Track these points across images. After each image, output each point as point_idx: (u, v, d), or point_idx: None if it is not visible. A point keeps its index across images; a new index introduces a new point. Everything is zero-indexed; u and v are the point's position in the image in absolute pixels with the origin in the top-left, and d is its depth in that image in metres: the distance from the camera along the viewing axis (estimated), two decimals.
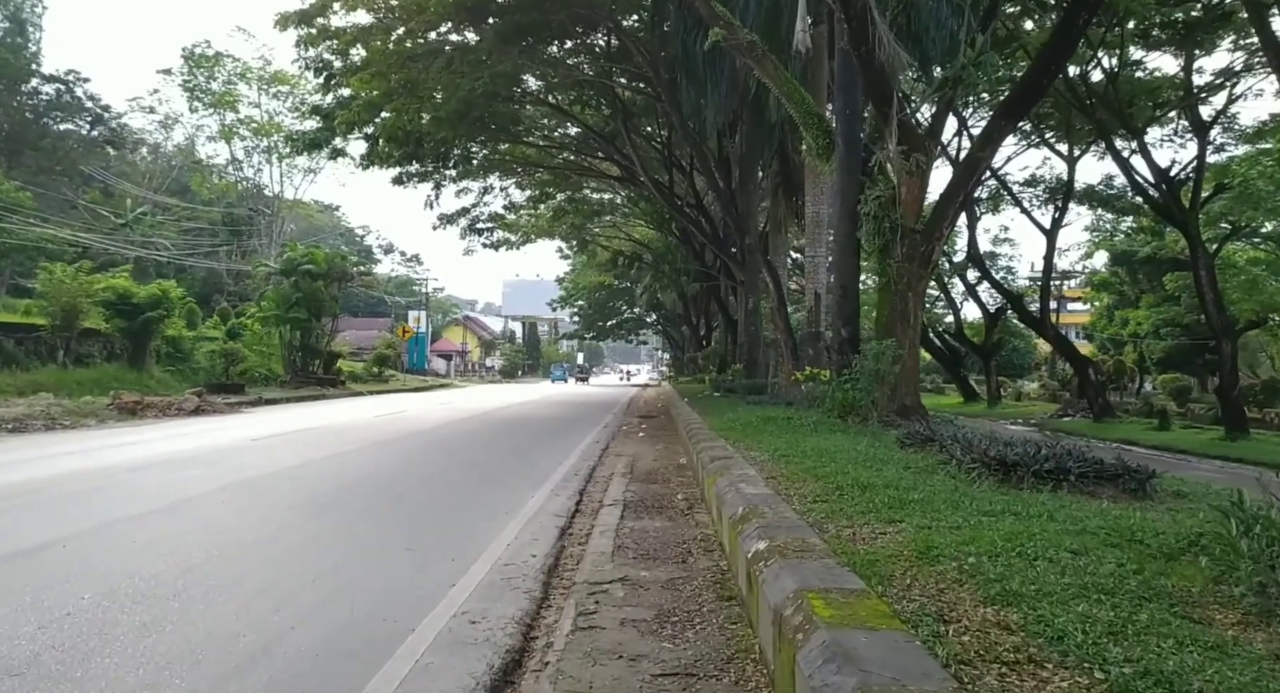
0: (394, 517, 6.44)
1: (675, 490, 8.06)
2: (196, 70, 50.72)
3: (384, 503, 7.06)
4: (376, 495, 7.40)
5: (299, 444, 11.32)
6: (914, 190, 10.26)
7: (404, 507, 6.94)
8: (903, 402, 10.06)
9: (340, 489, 7.58)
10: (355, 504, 6.93)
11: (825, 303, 16.14)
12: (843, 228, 10.88)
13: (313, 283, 30.61)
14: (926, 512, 4.53)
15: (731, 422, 11.36)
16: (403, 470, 8.99)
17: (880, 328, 10.46)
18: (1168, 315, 39.32)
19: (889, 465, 6.32)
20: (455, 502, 7.24)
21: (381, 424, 15.26)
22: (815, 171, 15.51)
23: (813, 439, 8.47)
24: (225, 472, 8.42)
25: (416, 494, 7.47)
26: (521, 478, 8.75)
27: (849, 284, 10.90)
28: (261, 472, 8.36)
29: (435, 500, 7.22)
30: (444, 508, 6.91)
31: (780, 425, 10.03)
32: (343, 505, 6.89)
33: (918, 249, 10.22)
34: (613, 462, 10.67)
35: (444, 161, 24.94)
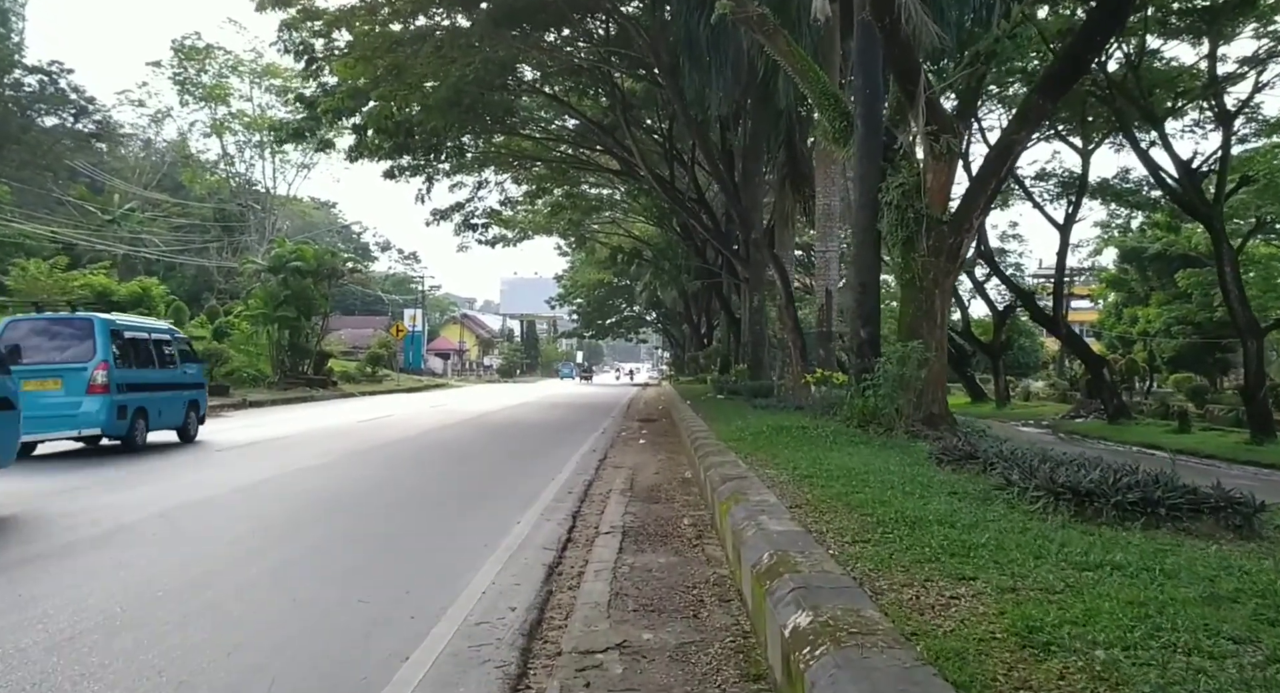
0: (352, 554, 5.51)
1: (680, 513, 7.13)
2: (186, 63, 49.72)
3: (344, 534, 6.13)
4: (336, 524, 6.47)
5: (266, 456, 10.40)
6: (941, 177, 9.33)
7: (367, 539, 6.01)
8: (929, 410, 9.14)
9: (296, 516, 6.65)
10: (309, 536, 6.00)
11: (837, 301, 15.24)
12: (862, 219, 9.95)
13: (302, 280, 29.66)
14: (1002, 563, 3.60)
15: (740, 430, 10.44)
16: (374, 489, 8.06)
17: (904, 328, 9.53)
18: (1179, 313, 38.40)
19: (932, 491, 5.39)
20: (428, 530, 6.31)
21: (363, 431, 14.33)
22: (827, 160, 14.59)
23: (835, 455, 7.55)
24: (171, 492, 7.49)
25: (384, 521, 6.54)
26: (508, 497, 7.82)
27: (869, 280, 9.98)
28: (210, 493, 7.42)
29: (405, 530, 6.29)
30: (413, 540, 5.98)
31: (795, 436, 9.10)
32: (294, 538, 5.96)
33: (945, 242, 9.29)
34: (611, 475, 9.75)
35: (435, 154, 23.98)
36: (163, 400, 11.64)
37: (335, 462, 9.74)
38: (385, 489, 8.00)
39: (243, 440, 12.07)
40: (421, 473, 9.30)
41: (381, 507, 7.06)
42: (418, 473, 9.30)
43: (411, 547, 5.71)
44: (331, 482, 8.30)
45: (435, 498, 7.61)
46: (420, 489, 8.09)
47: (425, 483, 8.54)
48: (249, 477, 8.35)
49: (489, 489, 8.29)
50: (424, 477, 9.01)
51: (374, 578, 4.91)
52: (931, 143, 8.64)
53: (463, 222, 31.41)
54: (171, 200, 52.17)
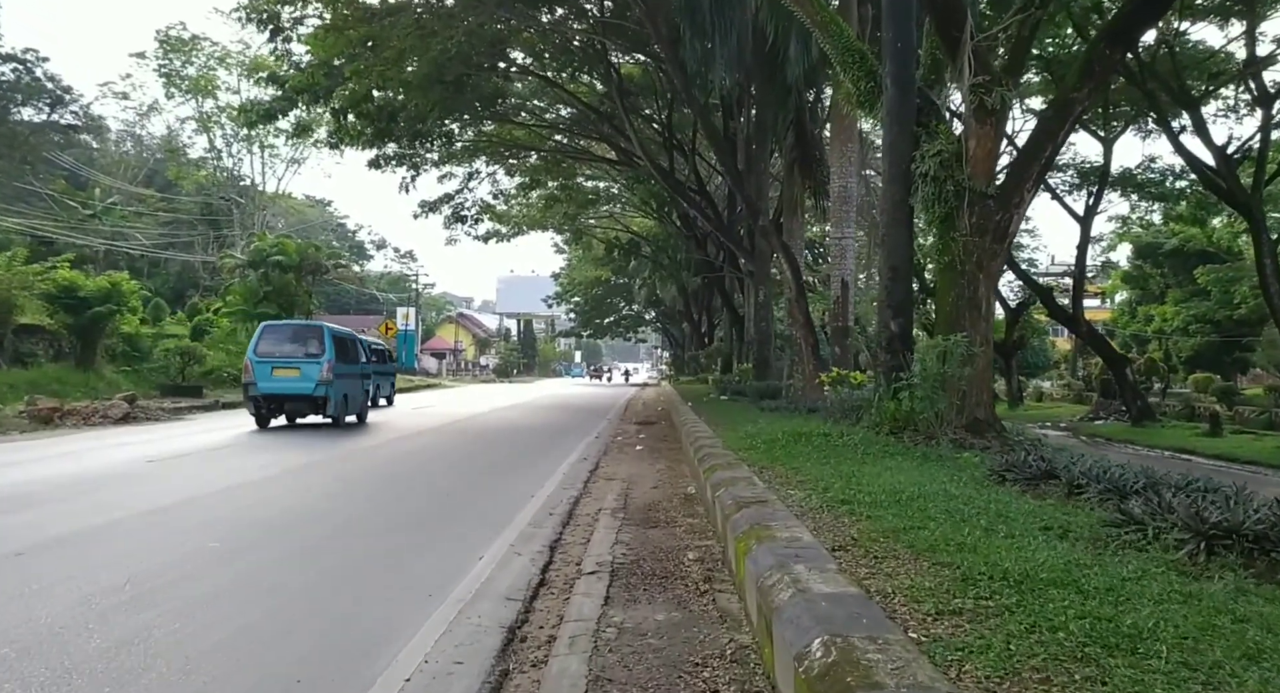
0: (244, 613, 4.14)
1: (683, 541, 5.80)
2: (172, 54, 48.40)
3: (257, 578, 4.76)
4: (254, 563, 5.10)
5: (202, 467, 9.05)
6: (986, 143, 8.00)
7: (285, 583, 4.66)
8: (973, 414, 7.81)
9: (206, 550, 5.28)
10: (207, 582, 4.63)
11: (854, 292, 13.90)
12: (892, 193, 8.61)
13: (283, 276, 28.31)
14: (1202, 671, 2.27)
15: (751, 437, 9.10)
16: (316, 512, 6.69)
17: (943, 319, 8.20)
18: (1198, 311, 37.10)
19: (1019, 527, 4.05)
20: (360, 573, 4.93)
21: (335, 437, 12.98)
22: (843, 138, 13.26)
23: (871, 469, 6.22)
24: (65, 516, 6.14)
25: (307, 562, 5.13)
26: (476, 521, 6.49)
27: (900, 265, 8.64)
28: (110, 518, 6.07)
29: (330, 574, 4.88)
30: (336, 590, 4.60)
31: (818, 446, 7.77)
32: (188, 583, 4.60)
33: (991, 219, 7.97)
34: (602, 489, 8.42)
35: (420, 140, 22.63)
36: (340, 383, 14.70)
37: (277, 477, 8.38)
38: (328, 513, 6.63)
39: (184, 449, 10.72)
40: (378, 490, 7.94)
41: (312, 540, 5.69)
42: (373, 490, 7.94)
43: (330, 602, 4.35)
44: (267, 503, 6.94)
45: (385, 524, 6.26)
46: (372, 513, 6.74)
47: (379, 504, 7.18)
48: (162, 498, 6.98)
49: (455, 511, 6.94)
50: (380, 495, 7.65)
51: (274, 649, 3.56)
52: (982, 96, 7.29)
53: (452, 214, 30.04)
54: (156, 195, 50.88)
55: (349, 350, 15.61)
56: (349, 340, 16.07)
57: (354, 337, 17.00)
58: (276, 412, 14.47)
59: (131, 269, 49.52)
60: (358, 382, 15.78)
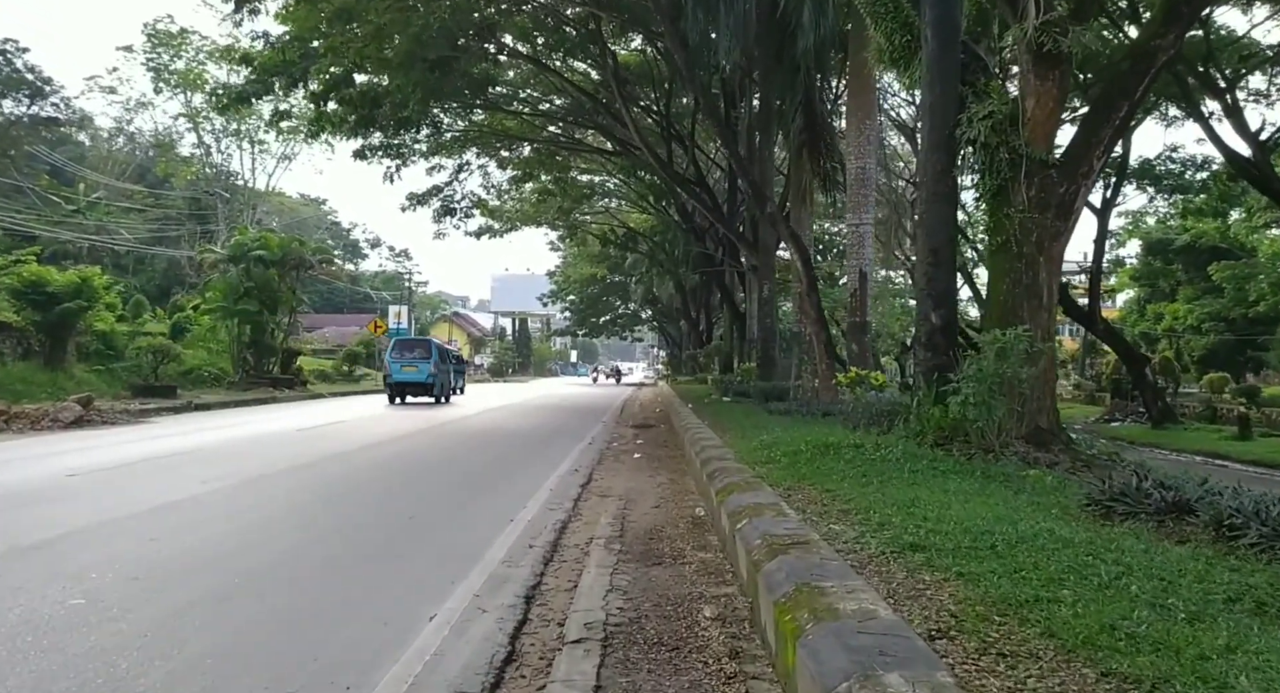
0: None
1: (697, 588, 4.58)
2: (160, 48, 47.08)
3: (118, 652, 3.52)
4: (131, 623, 3.86)
5: (131, 483, 7.79)
6: (1048, 103, 6.80)
7: (158, 660, 3.41)
8: (1035, 422, 6.60)
9: (55, 616, 4.01)
10: (50, 660, 3.40)
11: (872, 284, 12.69)
12: (933, 164, 7.40)
13: (265, 271, 26.98)
14: None
15: (766, 447, 7.89)
16: (236, 548, 5.38)
17: (996, 311, 7.00)
18: (1211, 308, 35.95)
19: (1194, 597, 2.83)
20: (258, 652, 3.65)
21: (294, 443, 11.72)
22: (861, 114, 12.06)
23: (930, 494, 5.01)
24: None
25: (202, 623, 3.91)
26: (437, 558, 5.26)
27: (941, 247, 7.43)
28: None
29: (220, 650, 3.62)
30: (216, 682, 3.33)
31: (850, 460, 6.55)
32: (39, 660, 3.37)
33: (1053, 192, 6.77)
34: (595, 509, 7.20)
35: (405, 128, 21.38)
36: (442, 376, 22.89)
37: (214, 495, 7.12)
38: (246, 551, 5.30)
39: (128, 457, 9.46)
40: (326, 513, 6.68)
41: (209, 593, 4.36)
42: (320, 513, 6.67)
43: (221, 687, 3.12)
44: (171, 537, 5.62)
45: (316, 566, 4.99)
46: (304, 547, 5.46)
47: (320, 533, 5.91)
48: (68, 522, 5.74)
49: (412, 543, 5.69)
50: (325, 520, 6.39)
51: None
52: (1045, 44, 6.08)
53: (442, 207, 28.76)
54: (143, 190, 49.55)
55: (444, 355, 24.27)
56: (443, 349, 24.99)
57: (445, 347, 26.43)
58: (403, 393, 22.42)
59: (117, 266, 48.15)
60: (449, 375, 24.44)
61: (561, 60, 23.85)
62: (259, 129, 47.18)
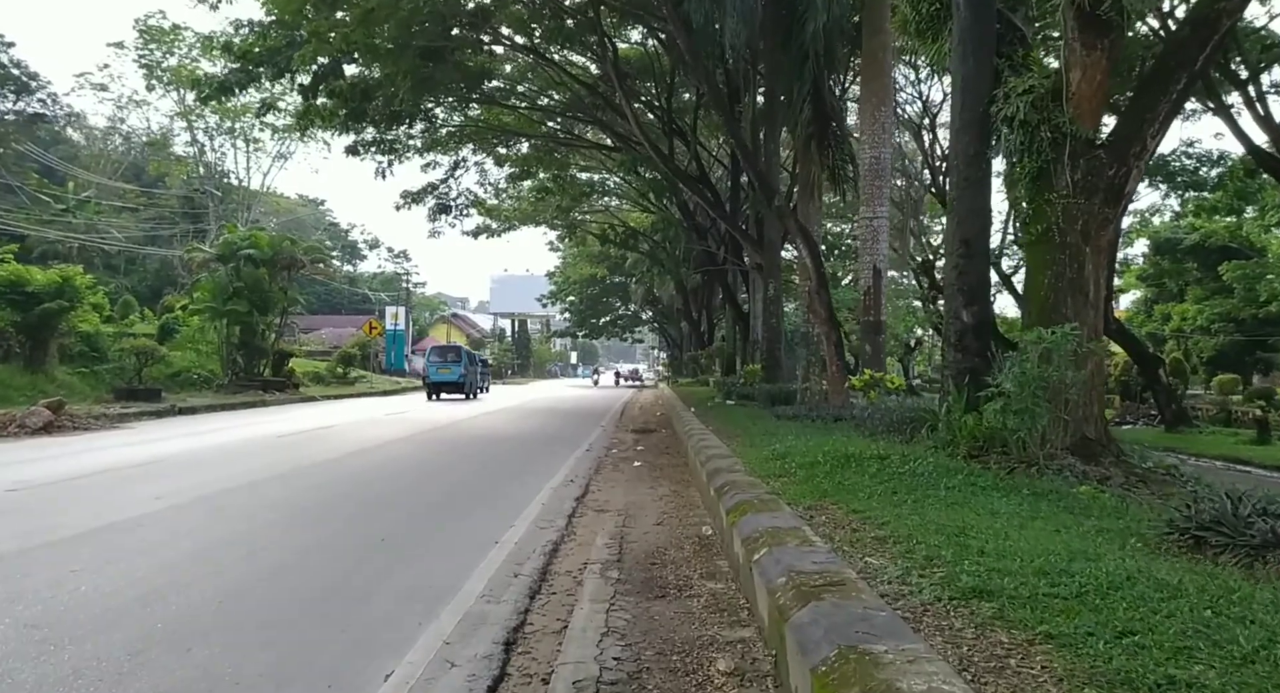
0: None
1: (708, 630, 3.89)
2: (152, 45, 46.42)
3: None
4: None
5: (78, 498, 7.08)
6: (1095, 76, 6.11)
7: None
8: (1081, 432, 5.91)
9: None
10: None
11: (886, 281, 12.00)
12: (965, 145, 6.71)
13: (255, 270, 26.29)
14: None
15: (778, 457, 7.21)
16: (180, 581, 4.63)
17: (1037, 307, 6.31)
18: (1221, 309, 35.24)
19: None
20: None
21: (270, 451, 11.02)
22: (874, 100, 11.37)
23: (977, 518, 4.31)
24: None
25: (123, 688, 3.22)
26: (405, 594, 4.55)
27: (974, 237, 6.74)
28: None
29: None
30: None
31: (875, 473, 5.86)
32: None
33: (1101, 174, 6.08)
34: (591, 527, 6.50)
35: (398, 121, 20.69)
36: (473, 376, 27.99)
37: (165, 513, 6.39)
38: (189, 584, 4.54)
39: (87, 468, 8.75)
40: (286, 536, 5.94)
41: (138, 642, 3.68)
42: (280, 537, 5.93)
43: None
44: (111, 564, 4.85)
45: (262, 604, 4.25)
46: (252, 580, 4.72)
47: (275, 563, 5.17)
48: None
49: (379, 574, 4.97)
50: (284, 545, 5.66)
51: None
52: (1094, 6, 5.39)
53: (437, 205, 28.06)
54: (136, 189, 48.88)
55: (472, 359, 29.61)
56: (471, 354, 30.35)
57: (473, 353, 32.05)
58: (439, 390, 27.09)
59: (107, 266, 47.44)
60: (476, 375, 29.53)
61: (559, 53, 23.19)
62: (253, 127, 46.60)
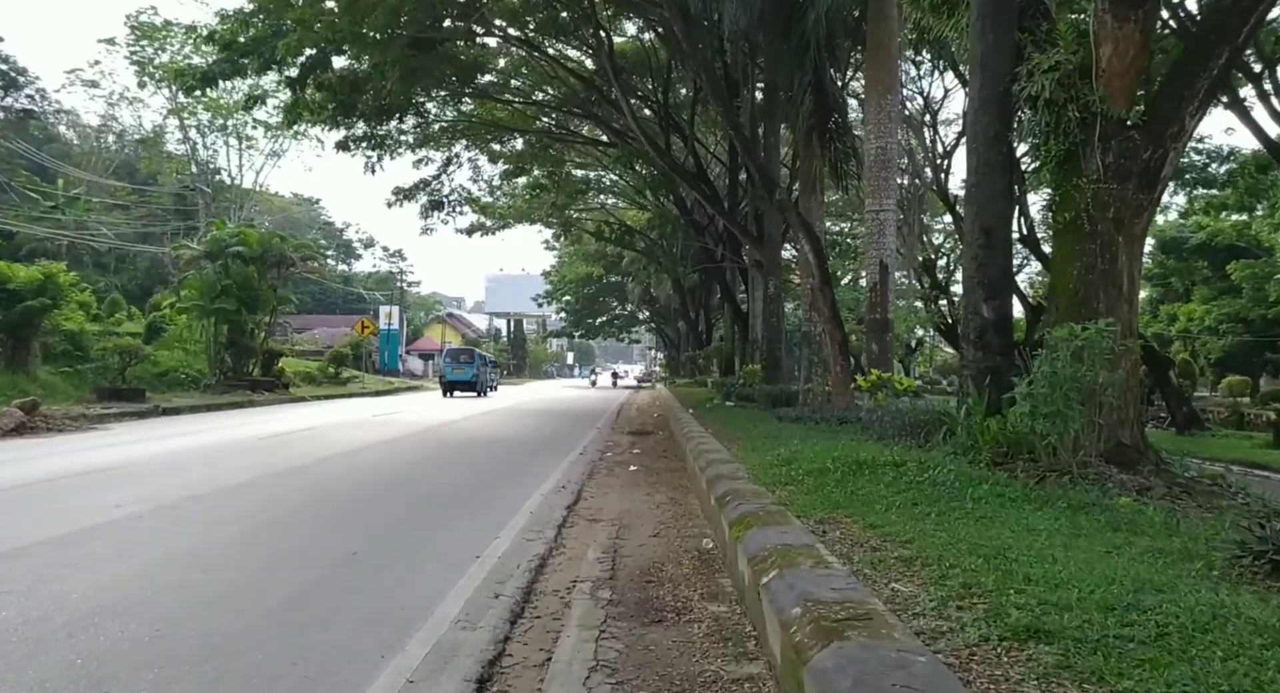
0: None
1: (711, 664, 3.40)
2: (144, 41, 45.82)
3: None
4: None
5: (27, 506, 6.57)
6: (1128, 50, 5.63)
7: None
8: (1116, 437, 5.42)
9: None
10: None
11: (894, 277, 11.53)
12: (984, 126, 6.24)
13: (245, 268, 25.75)
14: None
15: (786, 463, 6.72)
16: (120, 603, 4.16)
17: (1065, 301, 5.84)
18: (1229, 309, 34.81)
19: None
20: None
21: (249, 454, 10.51)
22: (880, 87, 10.89)
23: (1013, 535, 3.82)
24: None
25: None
26: (373, 617, 4.05)
27: (995, 226, 6.27)
28: None
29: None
30: None
31: (891, 482, 5.37)
32: None
33: (1135, 157, 5.61)
34: (582, 539, 6.01)
35: (388, 115, 20.19)
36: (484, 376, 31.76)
37: (119, 524, 5.88)
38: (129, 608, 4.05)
39: (44, 474, 8.24)
40: (247, 551, 5.38)
41: (58, 684, 3.22)
42: (240, 550, 5.39)
43: None
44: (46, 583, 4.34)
45: (207, 636, 3.75)
46: (198, 606, 4.23)
47: (230, 581, 4.66)
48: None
49: (342, 596, 4.45)
50: (243, 561, 5.13)
51: None
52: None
53: (429, 202, 27.54)
54: (126, 186, 48.33)
55: (484, 360, 33.44)
56: (483, 356, 34.60)
57: (484, 355, 36.09)
58: (453, 388, 30.53)
59: (97, 264, 46.89)
60: (487, 375, 32.93)
61: (554, 47, 22.72)
62: (246, 125, 46.10)
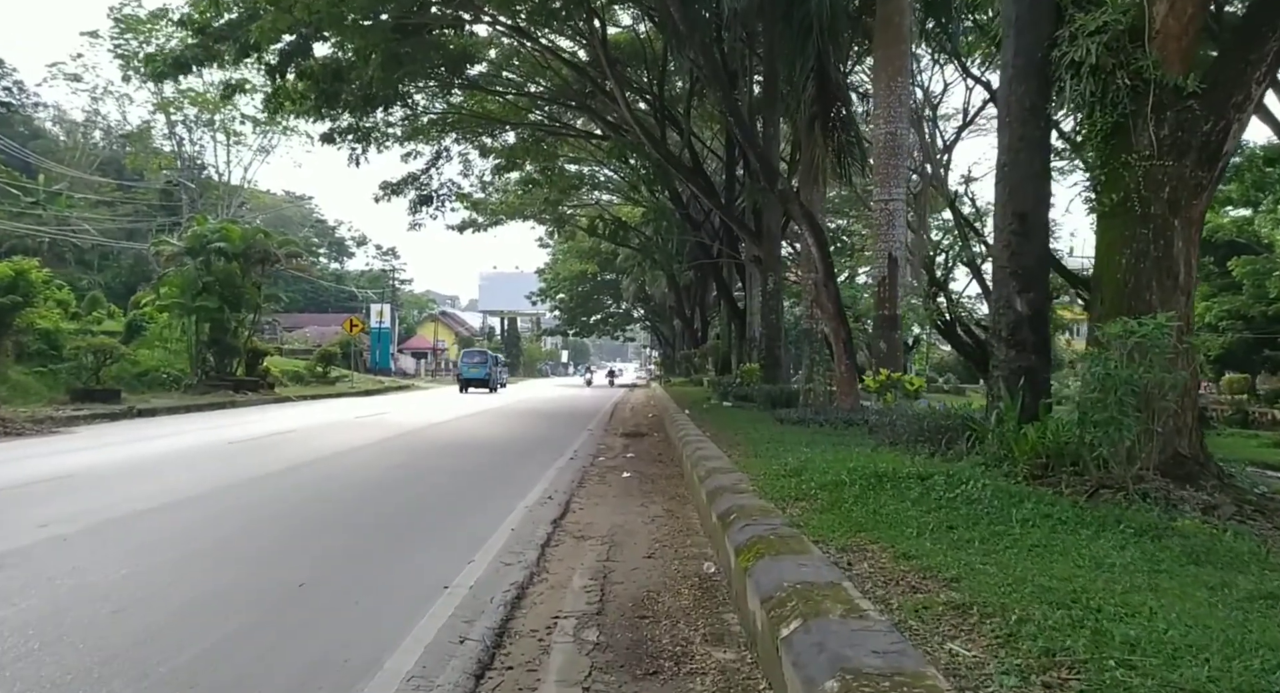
0: None
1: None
2: (127, 34, 44.91)
3: None
4: None
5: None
6: (1185, 9, 4.99)
7: None
8: (1174, 447, 4.77)
9: None
10: None
11: (903, 271, 10.88)
12: (1020, 97, 5.58)
13: (227, 265, 24.98)
14: None
15: (795, 474, 6.06)
16: (10, 653, 3.55)
17: (1111, 293, 5.18)
18: (1231, 306, 34.32)
19: None
20: None
21: (213, 461, 9.80)
22: (890, 68, 10.23)
23: (1082, 571, 3.16)
24: None
25: None
26: (307, 673, 3.37)
27: (1031, 210, 5.62)
28: None
29: None
30: None
31: (917, 499, 4.71)
32: None
33: (1194, 130, 4.96)
34: (568, 560, 5.34)
35: (372, 106, 19.46)
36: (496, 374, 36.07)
37: (38, 547, 5.16)
38: (9, 665, 3.47)
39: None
40: (176, 582, 4.63)
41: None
42: (169, 581, 4.65)
43: None
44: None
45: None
46: (105, 656, 3.46)
47: (145, 630, 3.93)
48: None
49: (276, 645, 3.75)
50: (168, 596, 4.39)
51: None
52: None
53: (418, 197, 26.79)
54: (110, 182, 47.43)
55: (496, 361, 37.61)
56: (496, 357, 39.12)
57: (496, 356, 40.05)
58: (468, 385, 34.19)
59: (80, 262, 45.99)
60: (498, 373, 37.01)
61: (546, 37, 22.02)
62: (233, 120, 45.29)
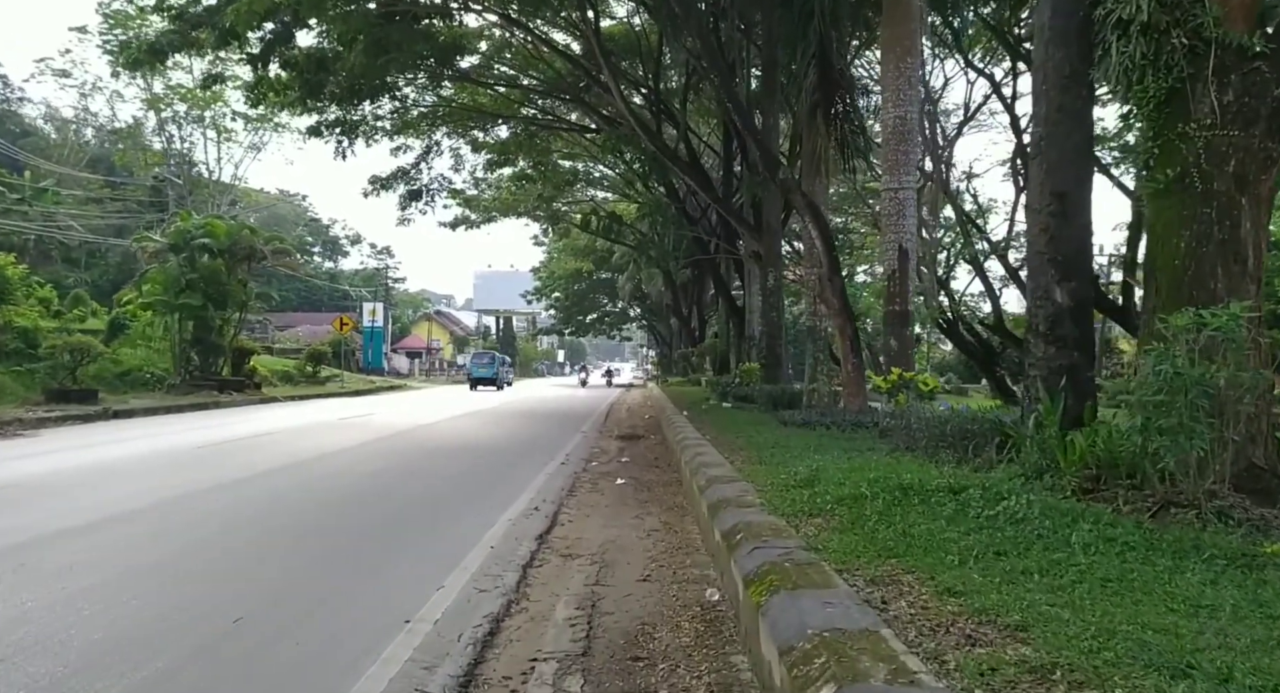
0: None
1: None
2: (116, 29, 44.16)
3: None
4: None
5: None
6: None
7: None
8: (1248, 458, 4.17)
9: None
10: None
11: (914, 264, 10.27)
12: (1059, 62, 4.97)
13: (211, 261, 24.33)
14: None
15: (807, 485, 5.44)
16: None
17: (1170, 281, 4.58)
18: None
19: None
20: None
21: (174, 469, 9.15)
22: (899, 49, 9.64)
23: (1179, 617, 2.54)
24: None
25: None
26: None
27: (1073, 189, 5.01)
28: None
29: None
30: None
31: (951, 516, 4.10)
32: None
33: (1264, 95, 4.36)
34: (550, 586, 4.71)
35: (358, 97, 18.82)
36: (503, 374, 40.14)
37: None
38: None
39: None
40: (90, 619, 3.98)
41: None
42: (81, 619, 3.98)
43: None
44: None
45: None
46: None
47: (35, 682, 3.40)
48: None
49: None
50: (77, 638, 3.78)
51: None
52: None
53: (408, 192, 26.13)
54: (99, 178, 46.70)
55: (503, 361, 41.38)
56: (503, 357, 43.32)
57: (503, 356, 44.41)
58: (477, 383, 37.12)
59: (67, 259, 45.23)
60: (505, 372, 40.67)
61: (538, 28, 21.42)
62: (224, 116, 44.67)
